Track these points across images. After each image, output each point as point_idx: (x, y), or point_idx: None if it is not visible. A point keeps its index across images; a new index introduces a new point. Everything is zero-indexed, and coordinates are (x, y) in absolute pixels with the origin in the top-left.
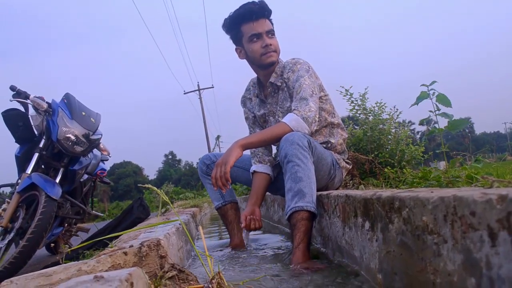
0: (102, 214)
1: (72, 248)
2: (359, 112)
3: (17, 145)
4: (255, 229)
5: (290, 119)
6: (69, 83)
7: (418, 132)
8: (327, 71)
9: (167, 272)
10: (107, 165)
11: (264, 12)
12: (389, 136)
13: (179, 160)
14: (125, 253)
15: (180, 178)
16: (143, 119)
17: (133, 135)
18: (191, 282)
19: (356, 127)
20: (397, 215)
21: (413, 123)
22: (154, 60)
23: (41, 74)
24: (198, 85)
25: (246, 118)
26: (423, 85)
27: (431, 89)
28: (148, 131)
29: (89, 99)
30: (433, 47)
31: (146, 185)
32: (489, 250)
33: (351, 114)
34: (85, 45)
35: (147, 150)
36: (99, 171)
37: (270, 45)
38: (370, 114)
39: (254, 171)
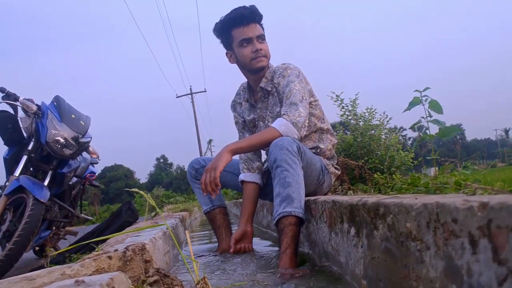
0: (91, 218)
1: (57, 252)
2: (349, 117)
3: (6, 147)
4: (244, 251)
5: (279, 124)
6: (64, 84)
7: (409, 138)
8: (320, 75)
9: (151, 277)
10: (97, 168)
11: (255, 17)
12: (379, 142)
13: (171, 164)
14: (110, 257)
15: (171, 181)
16: (135, 122)
17: (124, 138)
18: (176, 287)
19: (347, 132)
20: (382, 221)
21: (405, 129)
22: (146, 64)
23: (37, 74)
24: (190, 89)
25: (236, 123)
26: (416, 90)
27: (424, 95)
28: (140, 134)
29: (80, 101)
30: (425, 54)
31: (133, 189)
32: (470, 257)
33: (342, 120)
34: (78, 46)
35: (138, 154)
36: (89, 174)
37: (261, 50)
38: (360, 120)
39: (243, 181)
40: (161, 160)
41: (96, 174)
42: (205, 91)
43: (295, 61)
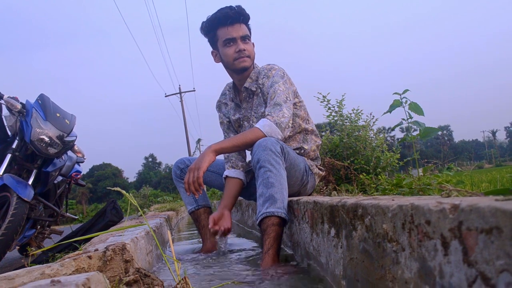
0: (76, 217)
1: (40, 250)
2: (335, 118)
3: None
4: (224, 231)
5: (263, 124)
6: (53, 83)
7: (398, 139)
8: (309, 78)
9: (129, 276)
10: (84, 167)
11: (239, 17)
12: (365, 143)
13: (159, 163)
14: (90, 257)
15: (160, 181)
16: (124, 121)
17: (113, 137)
18: (156, 287)
19: (337, 132)
20: (360, 222)
21: (394, 130)
22: (136, 62)
23: (25, 73)
24: (179, 88)
25: (221, 123)
26: (395, 93)
27: (403, 98)
28: (128, 133)
29: (69, 100)
30: (415, 59)
31: (116, 188)
32: (442, 259)
33: (328, 120)
34: (67, 46)
35: (127, 153)
36: (74, 173)
37: (244, 50)
38: (346, 121)
39: (227, 176)
40: (150, 159)
41: (82, 173)
42: (194, 91)
43: (284, 64)
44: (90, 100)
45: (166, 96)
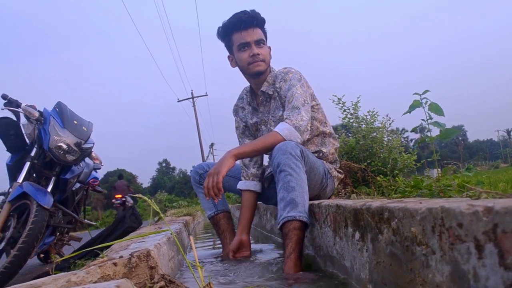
0: (95, 223)
1: (62, 258)
2: (351, 120)
3: (9, 154)
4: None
5: (282, 128)
6: (63, 88)
7: (411, 140)
8: (320, 79)
9: (156, 283)
10: (100, 174)
11: (253, 22)
12: (382, 145)
13: (173, 168)
14: (115, 264)
15: (174, 185)
16: (137, 126)
17: (127, 143)
18: None
19: (349, 134)
20: (387, 225)
21: (407, 131)
22: (149, 68)
23: (38, 79)
24: (192, 93)
25: (236, 128)
26: (415, 93)
27: (424, 98)
28: (142, 139)
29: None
30: (426, 55)
31: (137, 195)
32: (476, 262)
33: (343, 123)
34: (79, 51)
35: (141, 158)
36: (92, 180)
37: (258, 54)
38: (362, 123)
39: (240, 190)
40: (164, 165)
41: (99, 180)
42: (207, 95)
43: (294, 64)
44: (103, 105)
45: (178, 101)
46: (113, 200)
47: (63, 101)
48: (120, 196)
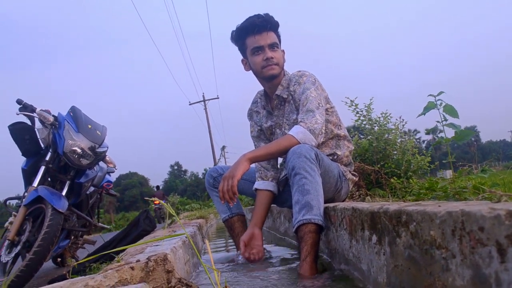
0: (108, 226)
1: (79, 262)
2: (364, 122)
3: (24, 158)
4: (255, 260)
5: (296, 132)
6: (75, 93)
7: (423, 141)
8: (330, 81)
9: (174, 287)
10: (113, 177)
11: (267, 25)
12: (395, 146)
13: (185, 171)
14: (132, 268)
15: (186, 188)
16: (149, 130)
17: (138, 146)
18: None
19: (361, 136)
20: (405, 229)
21: (418, 132)
22: (160, 71)
23: (45, 85)
24: (203, 96)
25: (251, 132)
26: (430, 95)
27: (438, 100)
28: (153, 142)
29: (95, 110)
30: (438, 55)
31: (153, 199)
32: (498, 266)
33: (355, 124)
34: (89, 57)
35: (152, 161)
36: (105, 184)
37: (272, 58)
38: (375, 125)
39: (256, 189)
40: (175, 167)
41: (113, 183)
42: (218, 98)
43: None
44: (114, 109)
45: (190, 104)
46: (152, 205)
47: (77, 105)
48: (158, 202)
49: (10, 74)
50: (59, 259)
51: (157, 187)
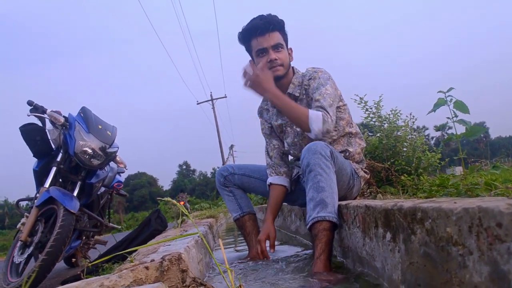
0: (119, 227)
1: (93, 262)
2: (373, 119)
3: (35, 160)
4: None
5: (313, 112)
6: (83, 94)
7: (432, 138)
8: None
9: (188, 287)
10: (123, 177)
11: (269, 27)
12: (405, 143)
13: (194, 170)
14: (147, 268)
15: (194, 188)
16: (157, 129)
17: (147, 146)
18: None
19: (370, 134)
20: (420, 226)
21: (427, 128)
22: (167, 70)
23: (50, 86)
24: (211, 95)
25: (262, 129)
26: (440, 91)
27: (449, 96)
28: (162, 142)
29: (103, 110)
30: (445, 49)
31: (165, 199)
32: None
33: (364, 122)
34: (91, 57)
35: (161, 161)
36: (116, 184)
37: (275, 59)
38: (385, 122)
39: (271, 183)
40: (184, 167)
41: (123, 183)
42: (226, 97)
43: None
44: (122, 109)
45: (198, 104)
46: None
47: (87, 106)
48: (182, 203)
49: (10, 74)
50: (73, 260)
51: (182, 190)
